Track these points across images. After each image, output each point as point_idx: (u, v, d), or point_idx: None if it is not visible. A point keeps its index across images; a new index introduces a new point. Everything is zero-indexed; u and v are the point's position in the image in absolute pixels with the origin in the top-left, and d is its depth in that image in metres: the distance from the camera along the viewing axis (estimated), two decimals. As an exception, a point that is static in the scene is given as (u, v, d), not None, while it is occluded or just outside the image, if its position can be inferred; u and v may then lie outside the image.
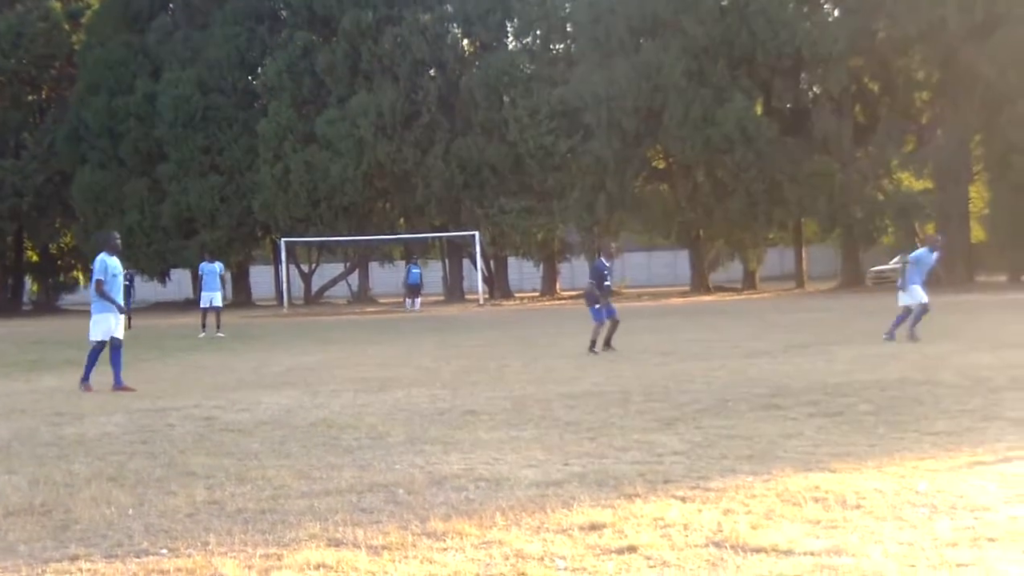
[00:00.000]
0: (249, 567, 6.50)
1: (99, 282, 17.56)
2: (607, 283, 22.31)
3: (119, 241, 18.21)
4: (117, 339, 17.64)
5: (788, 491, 7.92)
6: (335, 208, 56.37)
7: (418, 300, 49.96)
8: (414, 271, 51.06)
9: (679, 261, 67.83)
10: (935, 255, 21.96)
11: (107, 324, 17.59)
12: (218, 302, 32.64)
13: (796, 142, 49.93)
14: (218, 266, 33.69)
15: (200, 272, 32.72)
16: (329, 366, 20.02)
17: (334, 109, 55.95)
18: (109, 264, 17.62)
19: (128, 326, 36.34)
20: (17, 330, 40.65)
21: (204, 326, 32.35)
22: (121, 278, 18.12)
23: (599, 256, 23.39)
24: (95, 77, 60.04)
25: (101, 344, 17.55)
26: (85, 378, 17.51)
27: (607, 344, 21.41)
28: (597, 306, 21.86)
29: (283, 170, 56.21)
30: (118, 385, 17.27)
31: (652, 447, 10.15)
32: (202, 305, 33.00)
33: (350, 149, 54.82)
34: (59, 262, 68.92)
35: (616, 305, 23.07)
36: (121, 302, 17.96)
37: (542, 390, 15.34)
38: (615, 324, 21.71)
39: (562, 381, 16.46)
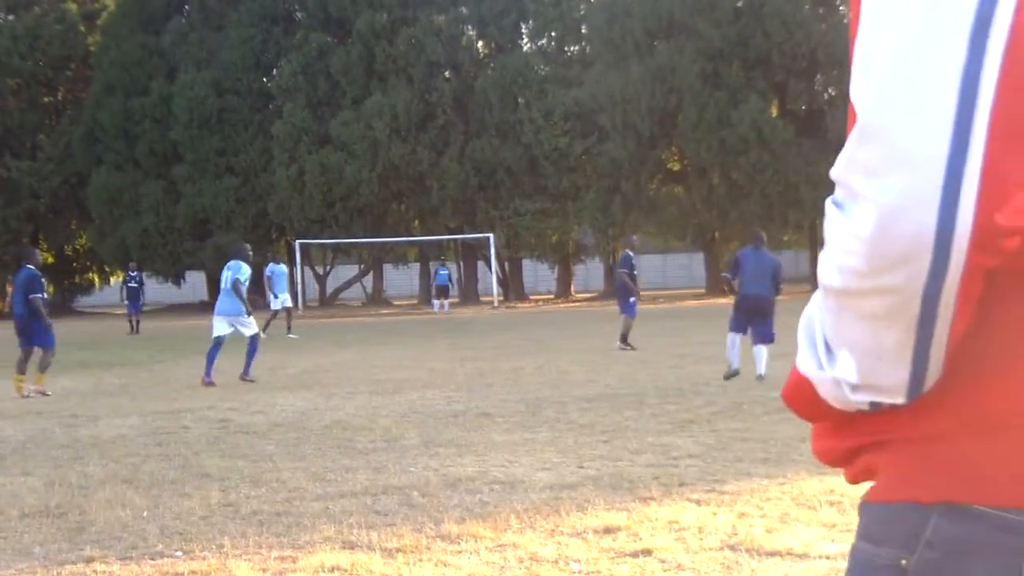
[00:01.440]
0: (264, 569, 6.50)
1: (238, 281, 18.78)
2: (634, 272, 22.55)
3: (251, 252, 19.69)
4: (223, 338, 18.83)
5: (803, 494, 7.91)
6: (350, 210, 56.40)
7: (446, 302, 49.98)
8: (441, 272, 51.09)
9: (694, 263, 67.80)
10: None
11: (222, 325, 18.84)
12: (289, 303, 32.63)
13: (812, 144, 49.82)
14: (284, 267, 33.62)
15: (268, 274, 32.64)
16: (343, 368, 20.04)
17: (349, 111, 55.99)
18: (242, 271, 18.89)
19: (136, 330, 36.30)
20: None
21: (289, 328, 32.18)
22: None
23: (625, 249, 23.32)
24: (111, 79, 60.17)
25: (220, 341, 18.77)
26: (247, 370, 18.79)
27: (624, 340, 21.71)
28: (632, 299, 22.15)
29: (298, 172, 56.26)
30: (246, 372, 18.75)
31: (667, 450, 10.14)
32: (273, 307, 32.81)
33: (365, 151, 54.86)
34: (75, 264, 69.02)
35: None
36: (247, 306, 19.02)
37: (557, 392, 15.34)
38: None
39: (576, 384, 16.46)
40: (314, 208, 56.26)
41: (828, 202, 1.29)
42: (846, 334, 1.30)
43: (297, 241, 54.75)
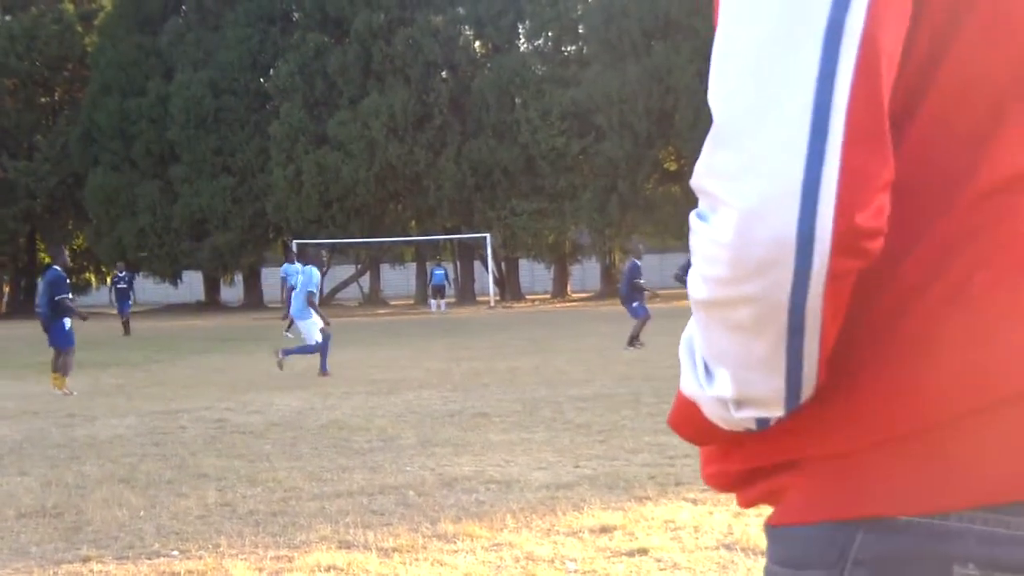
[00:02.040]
0: (260, 569, 6.51)
1: (311, 294, 19.46)
2: (640, 280, 23.48)
3: (325, 256, 20.27)
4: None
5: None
6: (347, 210, 56.41)
7: (443, 301, 49.94)
8: (437, 272, 51.10)
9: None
10: None
11: (318, 324, 19.58)
12: None
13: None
14: (299, 266, 33.46)
15: (282, 274, 32.57)
16: (340, 368, 20.03)
17: (346, 111, 55.99)
18: (315, 277, 19.64)
19: (126, 331, 35.99)
20: (30, 332, 40.66)
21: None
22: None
23: (631, 258, 24.31)
24: (107, 79, 60.16)
25: (327, 336, 19.59)
26: (323, 367, 19.35)
27: (635, 339, 22.35)
28: (635, 304, 23.15)
29: (295, 172, 56.26)
30: (323, 367, 19.32)
31: (663, 449, 10.15)
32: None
33: (362, 151, 54.86)
34: (71, 264, 68.92)
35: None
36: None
37: (553, 392, 15.35)
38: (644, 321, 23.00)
39: (573, 383, 16.47)
40: (311, 208, 56.27)
41: (692, 215, 1.27)
42: (717, 347, 1.28)
43: (294, 241, 54.72)
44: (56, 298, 17.69)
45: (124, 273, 39.32)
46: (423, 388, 16.52)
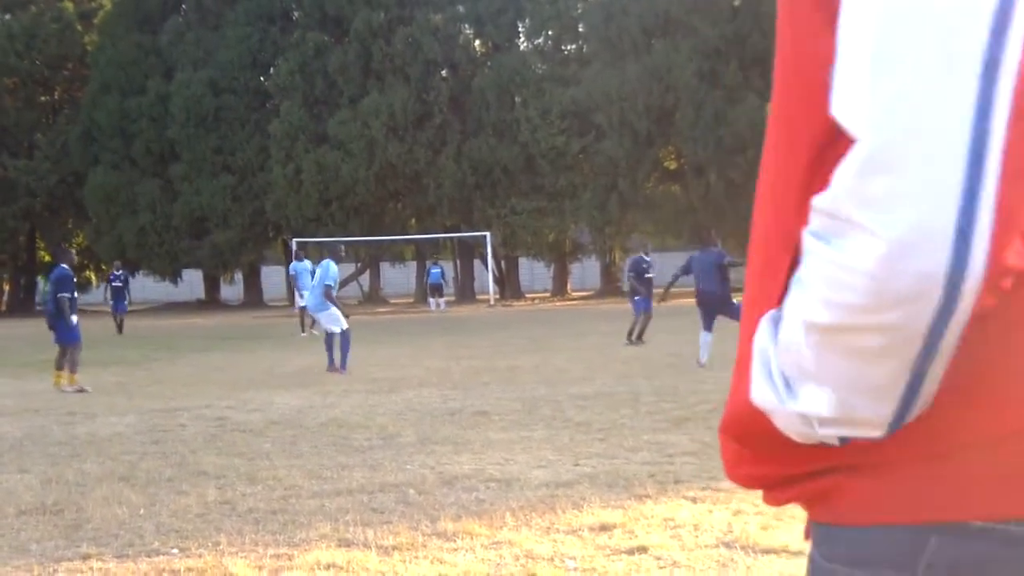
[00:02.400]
0: (260, 567, 6.51)
1: (328, 287, 19.49)
2: (648, 275, 23.96)
3: (343, 251, 20.84)
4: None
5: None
6: (347, 208, 56.41)
7: (442, 300, 49.93)
8: (434, 271, 51.13)
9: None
10: None
11: (338, 314, 19.62)
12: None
13: (808, 143, 49.84)
14: (308, 263, 33.27)
15: (292, 272, 32.55)
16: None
17: (346, 110, 55.98)
18: (332, 270, 19.62)
19: (120, 330, 35.65)
20: (30, 330, 40.68)
21: (303, 327, 31.98)
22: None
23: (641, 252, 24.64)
24: (107, 78, 60.16)
25: (348, 329, 19.58)
26: (343, 364, 19.39)
27: (639, 337, 22.83)
28: (637, 298, 23.53)
29: (295, 170, 56.26)
30: (342, 367, 19.33)
31: (662, 447, 10.16)
32: (298, 305, 32.69)
33: (362, 150, 54.86)
34: (86, 262, 69.02)
35: (627, 306, 23.58)
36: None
37: (553, 391, 15.35)
38: (648, 319, 23.34)
39: (573, 382, 16.48)
40: (311, 207, 56.27)
41: (805, 234, 1.23)
42: (827, 370, 1.23)
43: (294, 240, 54.71)
44: (58, 295, 17.78)
45: (120, 272, 39.06)
46: (423, 386, 16.52)
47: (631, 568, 6.26)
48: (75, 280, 18.45)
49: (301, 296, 31.35)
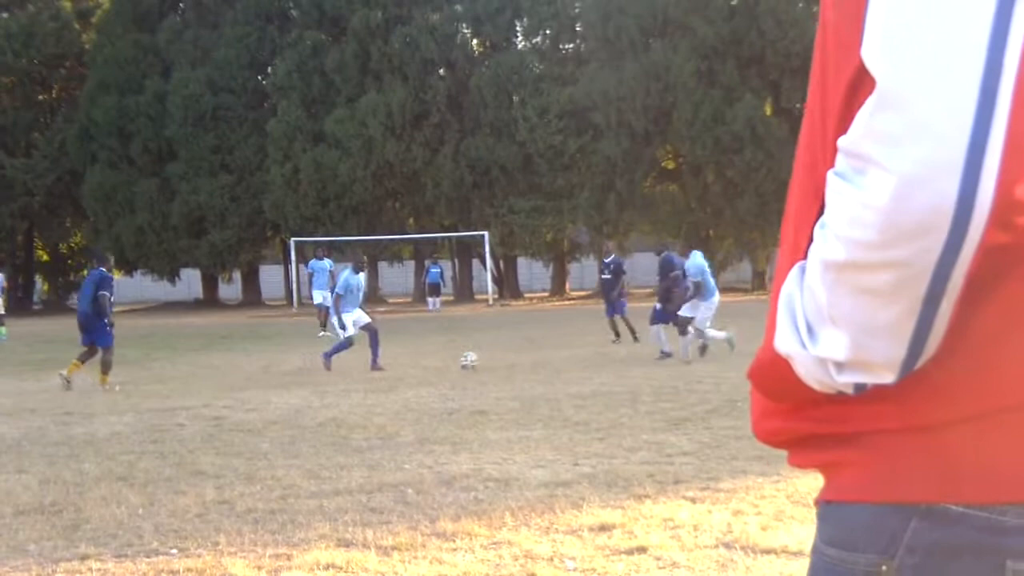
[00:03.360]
0: (259, 567, 6.51)
1: (339, 296, 20.25)
2: (604, 276, 25.13)
3: (364, 261, 21.39)
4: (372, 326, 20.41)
5: (798, 492, 7.92)
6: (344, 208, 56.37)
7: (438, 299, 49.87)
8: (433, 270, 51.09)
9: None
10: None
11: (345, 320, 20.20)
12: (329, 300, 31.98)
13: (806, 142, 49.81)
14: (328, 263, 33.07)
15: (309, 270, 32.42)
16: (338, 365, 20.03)
17: (343, 109, 55.93)
18: (352, 282, 20.06)
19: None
20: (27, 329, 40.72)
21: (323, 325, 31.73)
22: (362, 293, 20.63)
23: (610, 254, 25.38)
24: (105, 76, 60.11)
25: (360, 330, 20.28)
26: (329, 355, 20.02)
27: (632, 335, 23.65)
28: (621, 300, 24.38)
29: (292, 170, 56.23)
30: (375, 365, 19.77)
31: (661, 447, 10.16)
32: (316, 303, 32.62)
33: (359, 149, 54.82)
34: (69, 261, 68.98)
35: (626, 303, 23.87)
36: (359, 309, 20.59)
37: (551, 390, 15.36)
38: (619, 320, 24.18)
39: (571, 381, 16.48)
40: (308, 206, 56.23)
41: (830, 174, 1.26)
42: (840, 309, 1.26)
43: (292, 239, 54.71)
44: (99, 292, 17.90)
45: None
46: (421, 386, 16.52)
47: (631, 568, 6.26)
48: (112, 282, 18.60)
49: (321, 295, 31.29)
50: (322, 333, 30.20)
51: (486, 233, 52.60)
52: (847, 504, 1.40)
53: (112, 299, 18.28)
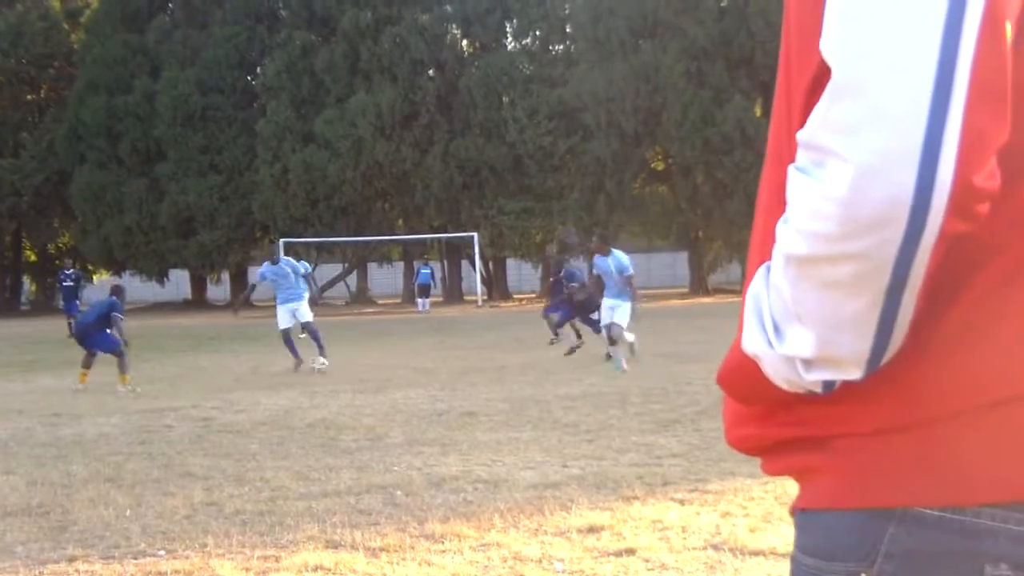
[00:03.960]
0: (247, 569, 6.49)
1: (252, 286, 21.27)
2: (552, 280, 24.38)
3: (275, 254, 21.51)
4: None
5: (786, 494, 7.91)
6: (334, 208, 56.36)
7: (427, 300, 49.83)
8: (423, 271, 51.05)
9: (678, 263, 67.83)
10: None
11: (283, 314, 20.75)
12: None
13: (795, 143, 49.94)
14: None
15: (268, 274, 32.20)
16: (327, 367, 20.00)
17: (333, 109, 55.91)
18: (266, 273, 20.75)
19: (72, 333, 33.96)
20: (14, 330, 40.65)
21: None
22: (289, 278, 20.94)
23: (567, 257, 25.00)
24: (94, 76, 60.03)
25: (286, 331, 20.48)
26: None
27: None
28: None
29: (282, 170, 56.20)
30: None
31: (650, 449, 10.15)
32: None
33: (348, 149, 54.81)
34: (57, 262, 68.82)
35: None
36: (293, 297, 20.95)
37: (540, 391, 15.35)
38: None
39: (560, 383, 16.47)
40: (298, 207, 56.21)
41: (791, 168, 1.25)
42: (805, 305, 1.25)
43: (281, 240, 54.62)
44: (113, 314, 18.18)
45: (71, 271, 37.30)
46: (410, 387, 16.51)
47: (619, 570, 6.25)
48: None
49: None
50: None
51: (475, 234, 52.60)
52: (823, 512, 1.40)
53: (123, 319, 18.61)
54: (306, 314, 20.81)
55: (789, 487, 8.06)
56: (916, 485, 1.31)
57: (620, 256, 18.81)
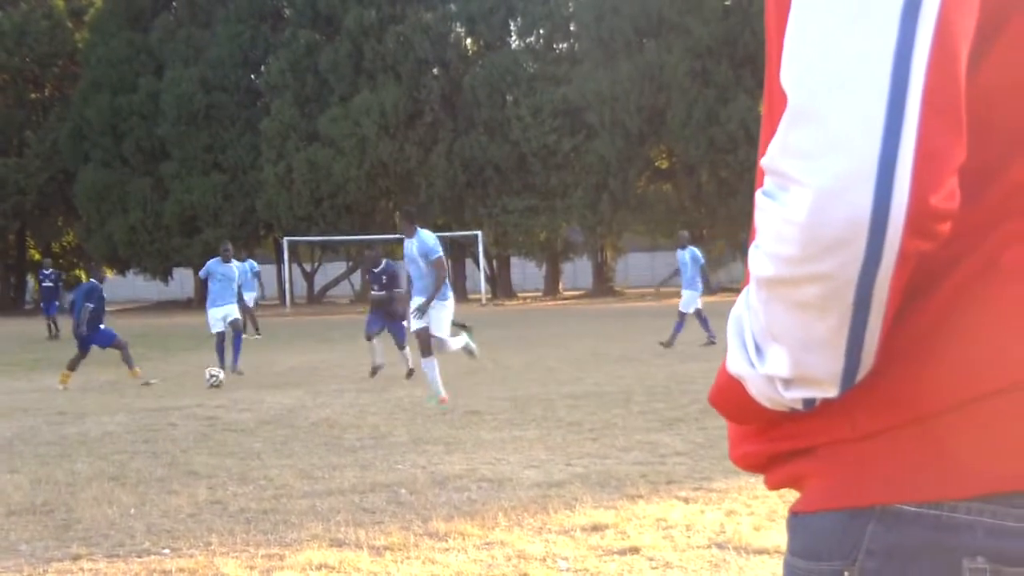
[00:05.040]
0: (251, 567, 6.49)
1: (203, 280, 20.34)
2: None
3: (228, 251, 20.21)
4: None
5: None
6: (338, 207, 56.36)
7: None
8: None
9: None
10: None
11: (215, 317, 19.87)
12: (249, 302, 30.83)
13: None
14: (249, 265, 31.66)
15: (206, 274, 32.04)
16: (331, 365, 20.04)
17: (337, 108, 55.92)
18: (214, 270, 19.99)
19: (55, 335, 33.51)
20: (19, 329, 40.67)
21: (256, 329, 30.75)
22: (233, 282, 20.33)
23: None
24: (98, 75, 60.06)
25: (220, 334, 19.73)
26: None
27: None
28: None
29: (286, 169, 56.21)
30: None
31: (654, 448, 10.15)
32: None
33: (353, 148, 54.81)
34: (62, 261, 68.87)
35: (619, 305, 23.50)
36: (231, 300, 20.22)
37: (544, 390, 15.35)
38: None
39: (564, 381, 16.47)
40: (302, 205, 56.21)
41: (758, 193, 1.28)
42: (777, 326, 1.28)
43: (285, 238, 54.64)
44: (85, 304, 18.37)
45: (51, 271, 36.92)
46: (415, 386, 16.51)
47: (623, 568, 6.25)
48: (102, 297, 19.21)
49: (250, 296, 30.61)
50: (256, 336, 29.55)
51: (479, 233, 52.59)
52: (810, 515, 1.42)
53: (89, 306, 18.59)
54: (235, 313, 20.31)
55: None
56: (894, 483, 1.33)
57: (425, 237, 15.18)
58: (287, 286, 57.16)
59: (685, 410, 12.69)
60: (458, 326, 22.28)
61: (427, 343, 14.40)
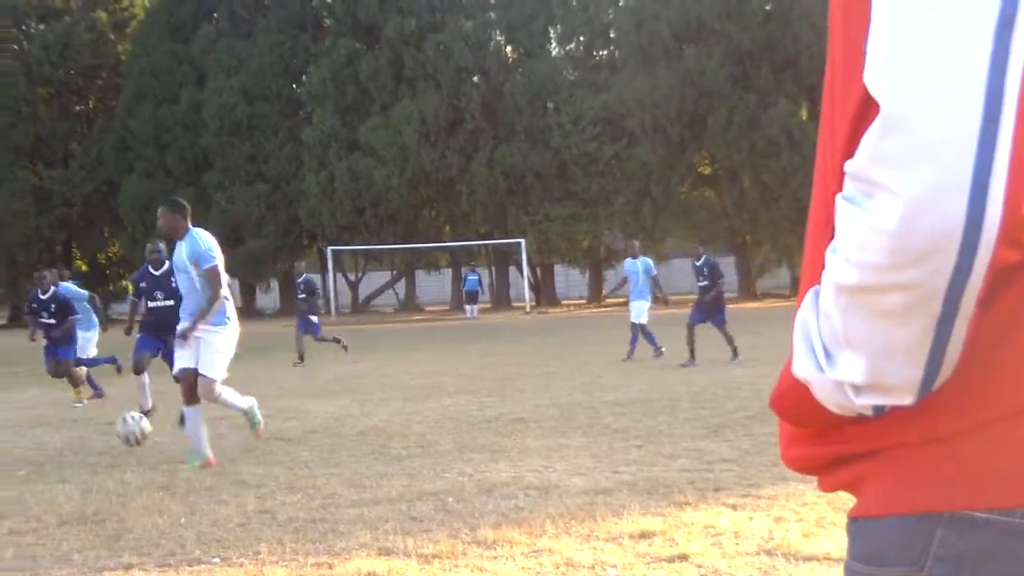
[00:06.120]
0: (301, 576, 6.53)
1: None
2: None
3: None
4: None
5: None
6: (380, 216, 56.54)
7: (475, 307, 49.94)
8: (471, 278, 51.15)
9: (725, 267, 67.59)
10: None
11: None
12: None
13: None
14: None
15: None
16: (377, 374, 20.08)
17: (378, 116, 56.11)
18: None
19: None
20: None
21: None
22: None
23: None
24: (141, 87, 60.54)
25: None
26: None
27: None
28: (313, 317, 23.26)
29: (328, 178, 56.43)
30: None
31: (701, 454, 10.12)
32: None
33: (394, 156, 54.99)
34: (108, 271, 69.39)
35: (663, 312, 23.53)
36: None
37: (589, 397, 15.33)
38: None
39: (609, 388, 16.45)
40: (344, 214, 56.42)
41: (838, 198, 1.27)
42: (855, 333, 1.27)
43: (329, 248, 54.82)
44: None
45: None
46: (459, 394, 16.53)
47: (672, 575, 6.25)
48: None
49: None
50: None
51: (522, 240, 52.62)
52: (873, 519, 1.42)
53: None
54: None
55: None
56: (963, 489, 1.32)
57: (199, 237, 11.98)
58: (332, 295, 57.31)
59: (731, 416, 12.65)
60: (332, 341, 22.45)
61: (191, 387, 11.17)
